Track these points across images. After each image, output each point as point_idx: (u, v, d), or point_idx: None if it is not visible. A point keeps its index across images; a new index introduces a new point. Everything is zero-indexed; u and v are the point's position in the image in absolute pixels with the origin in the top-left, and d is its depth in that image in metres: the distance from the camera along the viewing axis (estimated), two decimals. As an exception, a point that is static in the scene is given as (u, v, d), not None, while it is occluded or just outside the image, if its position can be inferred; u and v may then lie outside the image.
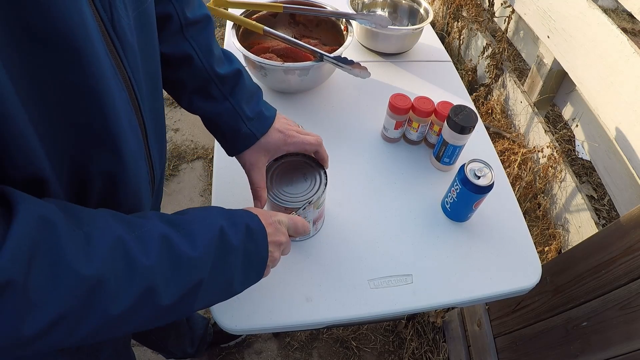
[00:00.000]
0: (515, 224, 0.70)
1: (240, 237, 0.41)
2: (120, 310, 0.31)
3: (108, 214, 0.34)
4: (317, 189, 0.57)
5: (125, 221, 0.35)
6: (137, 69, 0.39)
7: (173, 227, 0.37)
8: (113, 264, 0.31)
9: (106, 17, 0.33)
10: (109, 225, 0.33)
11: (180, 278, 0.35)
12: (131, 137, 0.39)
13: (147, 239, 0.34)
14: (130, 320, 0.33)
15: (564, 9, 1.02)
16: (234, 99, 0.54)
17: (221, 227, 0.40)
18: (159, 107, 0.49)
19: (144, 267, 0.32)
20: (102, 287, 0.30)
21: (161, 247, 0.34)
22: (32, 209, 0.27)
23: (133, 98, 0.39)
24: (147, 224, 0.35)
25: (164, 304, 0.34)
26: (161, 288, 0.34)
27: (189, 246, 0.36)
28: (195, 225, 0.39)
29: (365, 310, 0.58)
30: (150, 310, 0.34)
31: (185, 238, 0.37)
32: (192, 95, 0.55)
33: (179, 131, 1.93)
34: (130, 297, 0.32)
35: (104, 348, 0.55)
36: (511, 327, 0.96)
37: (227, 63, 0.56)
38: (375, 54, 1.03)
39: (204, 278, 0.37)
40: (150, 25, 0.43)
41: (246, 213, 0.44)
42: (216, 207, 0.44)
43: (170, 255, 0.35)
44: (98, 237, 0.31)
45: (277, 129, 0.57)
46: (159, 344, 0.97)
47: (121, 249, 0.32)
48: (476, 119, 0.67)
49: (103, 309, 0.30)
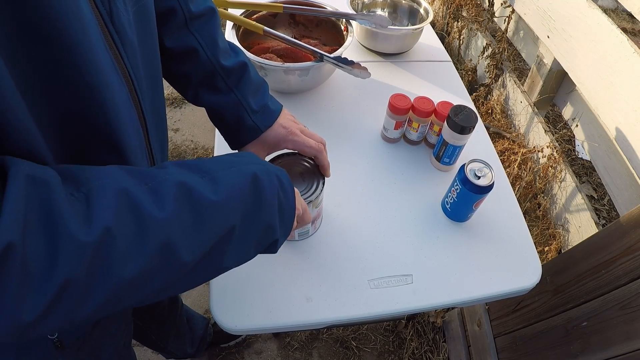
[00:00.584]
0: (515, 224, 0.70)
1: (274, 184, 0.39)
2: (134, 272, 0.28)
3: (116, 169, 0.31)
4: (315, 189, 0.57)
5: (137, 173, 0.32)
6: (137, 64, 0.39)
7: (196, 172, 0.34)
8: (119, 221, 0.28)
9: (105, 12, 0.33)
10: (114, 180, 0.30)
11: (204, 228, 0.32)
12: (132, 132, 0.39)
13: (161, 189, 0.31)
14: (148, 282, 0.30)
15: (564, 9, 1.02)
16: (240, 91, 0.54)
17: (254, 172, 0.37)
18: (160, 103, 0.49)
19: (156, 221, 0.29)
20: (108, 250, 0.27)
21: (178, 196, 0.31)
22: (22, 169, 0.25)
23: (133, 93, 0.39)
24: (163, 174, 0.32)
25: (186, 260, 0.31)
26: (180, 242, 0.30)
27: (213, 192, 0.33)
28: (223, 171, 0.35)
29: (365, 310, 0.58)
30: (171, 269, 0.31)
31: (210, 184, 0.33)
32: (197, 88, 0.55)
33: (179, 131, 1.93)
34: (143, 257, 0.29)
35: (105, 348, 0.55)
36: (511, 327, 0.96)
37: (233, 55, 0.56)
38: (375, 54, 1.03)
39: (236, 225, 0.34)
40: (150, 21, 0.43)
41: (274, 166, 0.42)
42: (247, 153, 0.42)
43: (191, 204, 0.31)
44: (100, 196, 0.28)
45: (281, 124, 0.57)
46: (159, 344, 0.97)
47: (128, 203, 0.29)
48: (476, 119, 0.67)
49: (113, 273, 0.27)
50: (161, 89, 0.49)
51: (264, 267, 0.61)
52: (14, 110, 0.27)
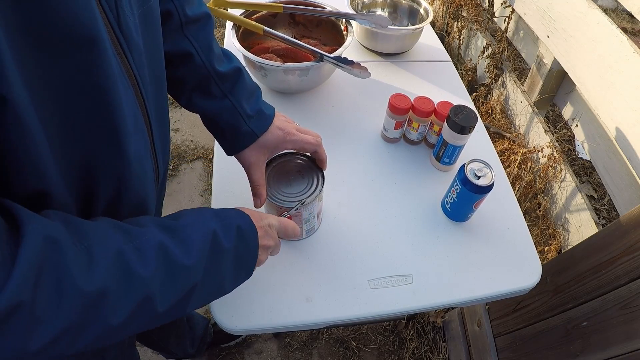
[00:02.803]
0: (515, 224, 0.70)
1: (232, 239, 0.42)
2: (120, 320, 0.32)
3: (107, 225, 0.35)
4: (314, 189, 0.57)
5: (124, 230, 0.35)
6: (143, 67, 0.39)
7: (168, 233, 0.38)
8: (114, 277, 0.32)
9: (112, 17, 0.33)
10: (108, 237, 0.33)
11: (175, 285, 0.36)
12: (137, 135, 0.39)
13: (144, 248, 0.35)
14: (128, 327, 0.34)
15: (563, 9, 1.02)
16: (234, 97, 0.54)
17: (214, 230, 0.40)
18: (164, 106, 0.49)
19: (142, 278, 0.33)
20: (103, 300, 0.31)
21: (158, 257, 0.35)
22: (39, 229, 0.28)
23: (139, 96, 0.39)
24: (145, 233, 0.36)
25: (160, 310, 0.35)
26: (157, 296, 0.35)
27: (184, 254, 0.37)
28: (189, 229, 0.39)
29: (365, 310, 0.58)
30: (147, 317, 0.35)
31: (181, 245, 0.37)
32: (191, 93, 0.55)
33: (179, 131, 1.93)
34: (128, 308, 0.33)
35: (110, 348, 0.55)
36: (511, 327, 0.96)
37: (226, 61, 0.56)
38: (375, 54, 1.03)
39: (197, 282, 0.38)
40: (155, 24, 0.43)
41: (238, 213, 0.45)
42: (208, 209, 0.44)
43: (167, 264, 0.36)
44: (99, 252, 0.31)
45: (277, 127, 0.57)
46: (160, 344, 0.97)
47: (121, 261, 0.33)
48: (476, 119, 0.67)
49: (103, 320, 0.31)
50: (165, 91, 0.49)
51: (264, 267, 0.61)
52: (22, 105, 0.27)
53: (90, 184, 0.37)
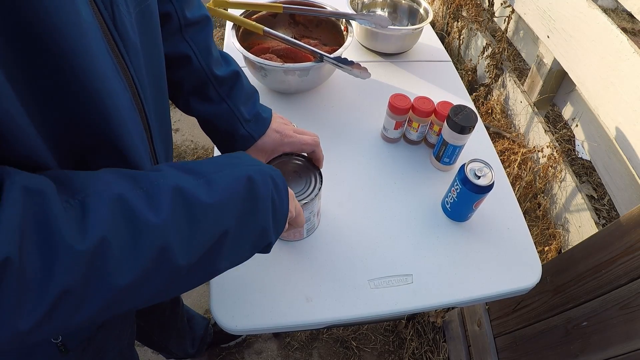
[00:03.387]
0: (515, 224, 0.70)
1: (269, 186, 0.39)
2: (130, 279, 0.28)
3: (111, 173, 0.31)
4: (313, 189, 0.57)
5: (132, 177, 0.31)
6: (140, 68, 0.38)
7: (190, 175, 0.34)
8: (115, 228, 0.28)
9: (107, 15, 0.32)
10: (108, 185, 0.29)
11: (199, 232, 0.32)
12: (136, 138, 0.38)
13: (156, 193, 0.31)
14: (143, 288, 0.30)
15: (564, 9, 1.02)
16: (232, 101, 0.54)
17: (248, 174, 0.37)
18: (164, 108, 0.49)
19: (152, 226, 0.29)
20: (104, 258, 0.27)
21: (173, 200, 0.31)
22: (17, 181, 0.25)
23: (137, 98, 0.38)
24: (158, 177, 0.32)
25: (182, 264, 0.31)
26: (176, 247, 0.30)
27: (208, 195, 0.33)
28: (218, 173, 0.35)
29: (365, 310, 0.58)
30: (166, 274, 0.31)
31: (204, 186, 0.33)
32: (189, 96, 0.55)
33: (179, 131, 1.93)
34: (139, 263, 0.28)
35: (109, 350, 0.55)
36: (511, 327, 0.96)
37: (225, 65, 0.56)
38: (375, 54, 1.03)
39: (230, 228, 0.34)
40: (153, 23, 0.42)
41: (269, 166, 0.42)
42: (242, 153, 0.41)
43: (186, 208, 0.31)
44: (95, 202, 0.28)
45: (274, 129, 0.57)
46: (160, 344, 0.97)
47: (123, 209, 0.29)
48: (476, 119, 0.67)
49: (109, 281, 0.27)
50: (165, 92, 0.49)
51: (264, 267, 0.61)
52: (13, 117, 0.26)
53: None
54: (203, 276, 0.35)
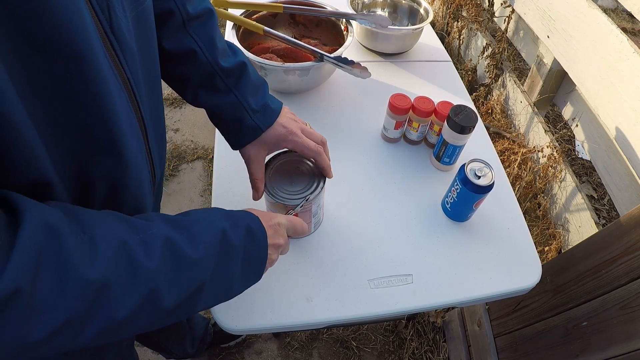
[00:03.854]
0: (515, 224, 0.70)
1: (241, 239, 0.41)
2: (125, 313, 0.31)
3: (111, 216, 0.34)
4: (316, 186, 0.57)
5: (129, 223, 0.34)
6: (136, 70, 0.39)
7: (176, 229, 0.37)
8: (117, 267, 0.31)
9: (104, 19, 0.33)
10: (112, 228, 0.33)
11: (183, 280, 0.35)
12: (132, 139, 0.39)
13: (150, 241, 0.34)
14: (133, 322, 0.33)
15: (564, 9, 1.02)
16: (239, 92, 0.54)
17: (223, 228, 0.40)
18: (159, 108, 0.49)
19: (147, 270, 0.32)
20: (107, 291, 0.30)
21: (164, 250, 0.34)
22: (38, 216, 0.27)
23: (133, 100, 0.38)
24: (151, 226, 0.35)
25: (167, 306, 0.34)
26: (164, 291, 0.33)
27: (191, 249, 0.36)
28: (198, 226, 0.39)
29: (365, 310, 0.58)
30: (153, 313, 0.34)
31: (188, 240, 0.37)
32: (197, 89, 0.55)
33: (179, 131, 1.93)
34: (134, 301, 0.32)
35: (109, 350, 0.55)
36: (511, 327, 0.96)
37: (231, 55, 0.55)
38: (375, 54, 1.03)
39: (206, 281, 0.37)
40: (149, 27, 0.42)
41: (247, 214, 0.44)
42: (218, 209, 0.44)
43: (174, 258, 0.35)
44: (102, 241, 0.31)
45: (281, 124, 0.56)
46: (160, 344, 0.97)
47: (125, 252, 0.32)
48: (476, 119, 0.67)
49: (108, 313, 0.30)
50: (160, 93, 0.49)
51: (264, 267, 0.61)
52: (15, 119, 0.27)
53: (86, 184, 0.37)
54: (183, 315, 0.38)
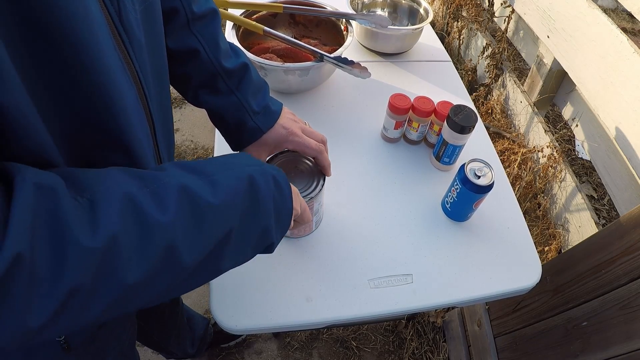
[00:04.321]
0: (515, 224, 0.70)
1: (270, 186, 0.39)
2: (138, 277, 0.28)
3: (118, 172, 0.32)
4: (316, 185, 0.57)
5: (139, 176, 0.32)
6: (145, 64, 0.39)
7: (194, 174, 0.34)
8: (124, 225, 0.28)
9: (114, 11, 0.33)
10: (117, 184, 0.30)
11: (204, 231, 0.32)
12: (140, 133, 0.38)
13: (163, 192, 0.31)
14: (149, 287, 0.30)
15: (563, 9, 1.02)
16: (241, 93, 0.54)
17: (250, 174, 0.37)
18: (166, 103, 0.49)
19: (160, 225, 0.29)
20: (113, 255, 0.27)
21: (180, 200, 0.31)
22: (28, 177, 0.25)
23: (141, 94, 0.38)
24: (164, 177, 0.32)
25: (187, 264, 0.31)
26: (182, 246, 0.31)
27: (212, 195, 0.33)
28: (220, 172, 0.36)
29: (365, 310, 0.58)
30: (172, 274, 0.31)
31: (209, 186, 0.34)
32: (198, 89, 0.55)
33: (179, 131, 1.93)
34: (147, 261, 0.29)
35: (111, 349, 0.55)
36: (511, 327, 0.96)
37: (234, 57, 0.55)
38: (375, 54, 1.03)
39: (233, 229, 0.34)
40: (157, 20, 0.42)
41: (271, 166, 0.42)
42: (243, 154, 0.42)
43: (192, 207, 0.32)
44: (104, 201, 0.28)
45: (282, 125, 0.56)
46: (161, 344, 0.97)
47: (132, 207, 0.29)
48: (476, 119, 0.67)
49: (118, 278, 0.28)
50: (167, 88, 0.49)
51: (264, 267, 0.61)
52: (21, 108, 0.26)
53: None
54: (207, 275, 0.35)
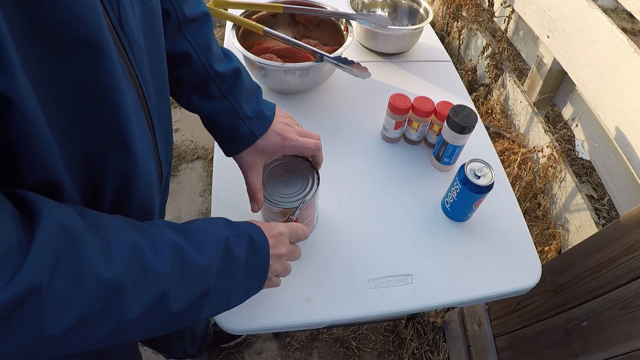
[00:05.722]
0: (515, 224, 0.70)
1: (243, 248, 0.42)
2: (135, 314, 0.32)
3: (123, 221, 0.35)
4: (311, 187, 0.57)
5: (139, 228, 0.36)
6: (144, 67, 0.39)
7: (182, 235, 0.38)
8: (130, 269, 0.32)
9: (114, 15, 0.33)
10: (125, 231, 0.34)
11: (190, 285, 0.37)
12: (140, 135, 0.39)
13: (160, 246, 0.35)
14: (142, 325, 0.34)
15: (563, 9, 1.02)
16: (233, 98, 0.54)
17: (226, 237, 0.41)
18: (166, 105, 0.49)
19: (158, 273, 0.34)
20: (120, 291, 0.31)
21: (173, 255, 0.35)
22: (55, 216, 0.28)
23: (141, 96, 0.39)
24: (159, 232, 0.37)
25: (174, 310, 0.35)
26: (173, 294, 0.35)
27: (198, 255, 0.38)
28: (203, 234, 0.40)
29: (365, 310, 0.58)
30: (161, 316, 0.35)
31: (194, 247, 0.38)
32: (190, 93, 0.54)
33: (179, 131, 1.93)
34: (144, 302, 0.32)
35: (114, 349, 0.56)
36: (511, 327, 0.96)
37: (226, 61, 0.55)
38: (375, 54, 1.03)
39: (211, 287, 0.39)
40: (156, 23, 0.43)
41: (249, 225, 0.46)
42: (222, 218, 0.45)
43: (182, 263, 0.36)
44: (116, 243, 0.32)
45: (276, 132, 0.56)
46: (161, 344, 0.97)
47: (138, 254, 0.33)
48: (476, 119, 0.67)
49: (120, 313, 0.31)
50: (167, 91, 0.49)
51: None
52: (32, 118, 0.27)
53: (97, 182, 0.37)
54: (187, 321, 0.39)
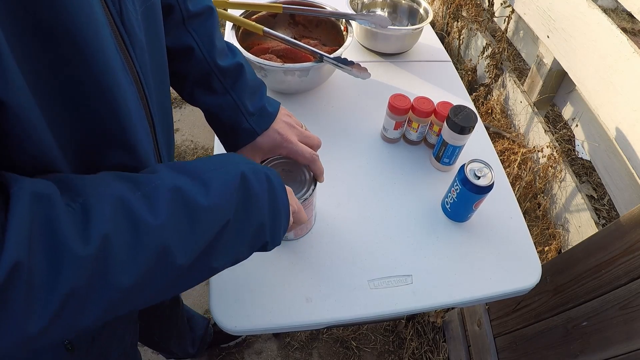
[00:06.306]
0: (515, 224, 0.70)
1: (263, 184, 0.39)
2: (132, 279, 0.29)
3: (109, 176, 0.32)
4: (308, 186, 0.56)
5: (130, 180, 0.32)
6: (145, 64, 0.39)
7: (185, 176, 0.34)
8: (117, 229, 0.28)
9: (115, 12, 0.33)
10: (109, 188, 0.30)
11: (196, 232, 0.33)
12: (142, 133, 0.39)
13: (154, 195, 0.31)
14: (146, 288, 0.31)
15: (564, 9, 1.02)
16: (236, 93, 0.54)
17: (242, 172, 0.38)
18: (167, 103, 0.49)
19: (152, 227, 0.30)
20: (107, 260, 0.28)
21: (172, 202, 0.32)
22: (25, 187, 0.26)
23: (141, 93, 0.38)
24: (155, 179, 0.33)
25: (182, 263, 0.32)
26: (176, 247, 0.31)
27: (205, 195, 0.34)
28: (212, 172, 0.36)
29: (365, 311, 0.58)
30: (166, 274, 0.32)
31: (200, 186, 0.34)
32: (193, 87, 0.54)
33: (179, 131, 1.93)
34: (141, 264, 0.29)
35: (113, 349, 0.55)
36: (511, 327, 0.96)
37: (230, 56, 0.55)
38: (375, 54, 1.03)
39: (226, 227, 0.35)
40: (157, 20, 0.43)
41: (263, 166, 0.43)
42: (235, 154, 0.42)
43: (184, 208, 0.32)
44: (96, 206, 0.28)
45: (277, 130, 0.56)
46: (161, 344, 0.97)
47: (125, 211, 0.29)
48: (476, 119, 0.67)
49: (112, 283, 0.28)
50: (168, 88, 0.49)
51: (264, 267, 0.61)
52: (27, 113, 0.27)
53: None
54: (202, 275, 0.36)
